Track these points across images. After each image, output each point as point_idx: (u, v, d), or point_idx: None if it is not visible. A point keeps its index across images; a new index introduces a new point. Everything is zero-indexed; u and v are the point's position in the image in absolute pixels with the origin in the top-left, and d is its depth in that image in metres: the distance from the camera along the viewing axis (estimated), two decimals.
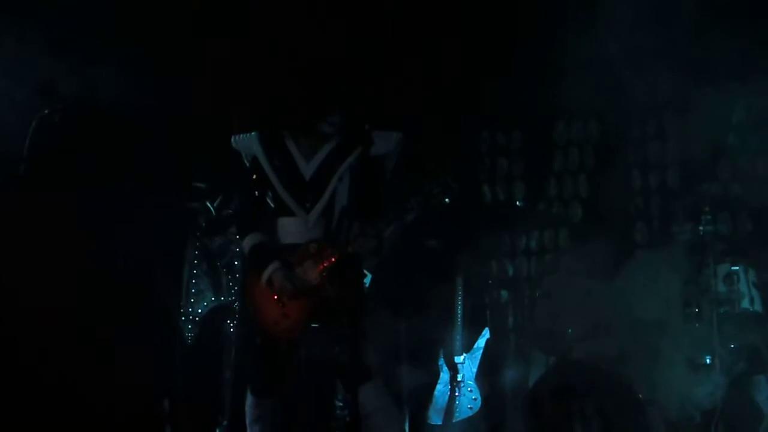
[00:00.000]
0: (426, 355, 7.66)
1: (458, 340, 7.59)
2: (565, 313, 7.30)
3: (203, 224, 7.11)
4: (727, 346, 6.88)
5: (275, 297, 5.00)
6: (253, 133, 5.19)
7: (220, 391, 7.08)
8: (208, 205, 7.08)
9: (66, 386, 6.88)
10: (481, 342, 7.67)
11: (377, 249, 4.98)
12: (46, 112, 6.14)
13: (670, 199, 8.01)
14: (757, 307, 7.04)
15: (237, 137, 5.23)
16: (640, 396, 6.55)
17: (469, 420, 7.48)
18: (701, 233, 6.98)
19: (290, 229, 5.07)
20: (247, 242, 5.13)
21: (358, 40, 7.50)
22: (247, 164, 5.20)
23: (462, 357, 7.56)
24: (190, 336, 7.18)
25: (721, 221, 7.36)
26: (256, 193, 5.14)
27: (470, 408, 7.51)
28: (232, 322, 7.12)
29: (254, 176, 5.14)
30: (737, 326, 6.95)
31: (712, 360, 6.77)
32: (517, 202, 8.62)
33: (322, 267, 4.95)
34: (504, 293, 8.34)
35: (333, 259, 4.93)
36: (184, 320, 7.16)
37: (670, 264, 7.12)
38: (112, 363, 7.03)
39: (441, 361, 7.64)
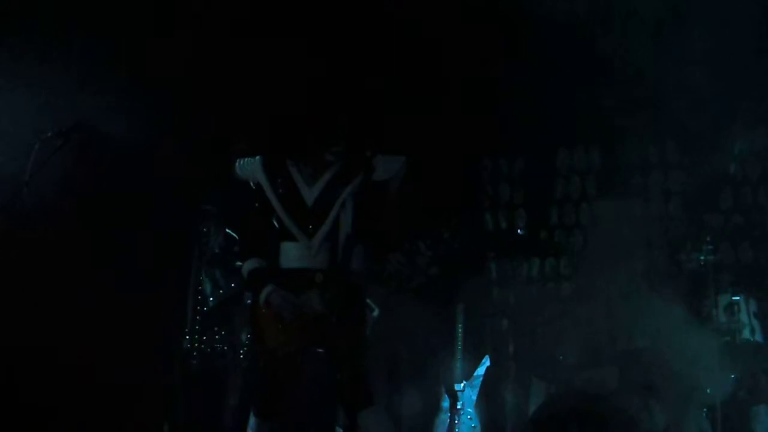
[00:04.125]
0: (426, 383, 7.63)
1: (458, 367, 7.56)
2: (566, 342, 7.29)
3: (215, 249, 7.11)
4: (727, 377, 6.86)
5: (275, 319, 5.01)
6: (257, 158, 5.20)
7: (220, 415, 7.06)
8: (229, 231, 7.08)
9: (64, 410, 6.89)
10: (481, 370, 7.65)
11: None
12: (49, 134, 6.14)
13: (671, 229, 8.02)
14: (758, 337, 7.05)
15: (241, 162, 5.25)
16: (641, 426, 6.52)
17: None
18: (702, 263, 6.98)
19: (293, 254, 5.08)
20: (247, 266, 5.15)
21: (359, 69, 7.53)
22: (253, 188, 5.20)
23: (462, 385, 7.54)
24: (193, 359, 7.15)
25: (723, 251, 7.36)
26: (259, 218, 5.16)
27: None
28: (234, 346, 7.10)
29: (257, 201, 5.15)
30: (738, 356, 6.94)
31: (712, 390, 6.74)
32: (519, 230, 8.63)
33: (326, 297, 4.94)
34: (505, 321, 8.32)
35: (338, 290, 4.92)
36: (186, 343, 7.13)
37: (670, 294, 7.12)
38: (112, 387, 7.04)
39: (441, 389, 7.62)
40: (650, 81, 7.65)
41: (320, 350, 5.02)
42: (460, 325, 7.64)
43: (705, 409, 6.78)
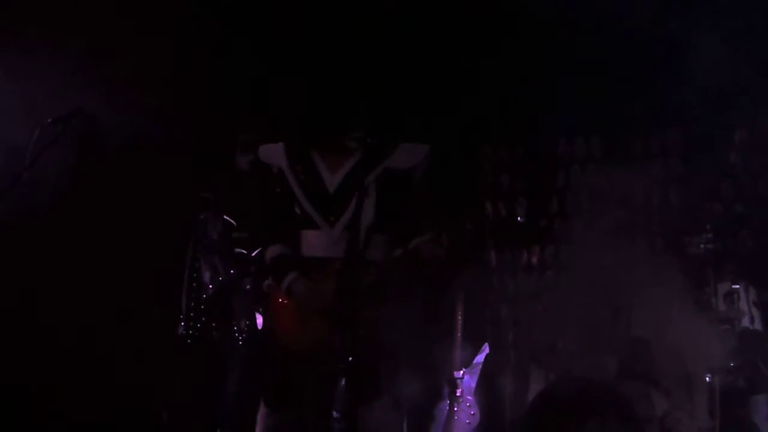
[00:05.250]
0: (425, 370, 7.62)
1: (458, 355, 7.56)
2: (566, 330, 7.29)
3: (213, 236, 7.06)
4: (726, 365, 6.88)
5: (294, 308, 4.94)
6: (279, 144, 5.13)
7: (219, 403, 7.02)
8: (227, 218, 7.03)
9: (64, 396, 6.87)
10: (480, 357, 7.65)
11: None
12: (48, 121, 6.07)
13: (672, 217, 8.03)
14: (758, 325, 7.07)
15: (264, 148, 5.16)
16: (640, 414, 6.53)
17: None
18: (702, 251, 6.98)
19: (314, 242, 4.99)
20: (269, 253, 5.05)
21: (359, 60, 7.50)
22: (275, 174, 5.13)
23: (461, 372, 7.54)
24: (190, 346, 7.11)
25: (723, 239, 7.37)
26: (281, 204, 5.08)
27: (469, 423, 7.48)
28: (233, 333, 7.06)
29: (279, 187, 5.07)
30: (737, 345, 6.96)
31: (711, 379, 6.76)
32: (519, 218, 8.62)
33: (345, 287, 4.85)
34: (504, 309, 8.33)
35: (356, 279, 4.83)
36: (184, 330, 7.09)
37: (670, 282, 7.13)
38: (111, 374, 7.02)
39: (440, 377, 7.61)
40: (651, 69, 7.67)
41: (336, 341, 4.94)
42: (459, 313, 7.63)
43: (704, 397, 6.80)
